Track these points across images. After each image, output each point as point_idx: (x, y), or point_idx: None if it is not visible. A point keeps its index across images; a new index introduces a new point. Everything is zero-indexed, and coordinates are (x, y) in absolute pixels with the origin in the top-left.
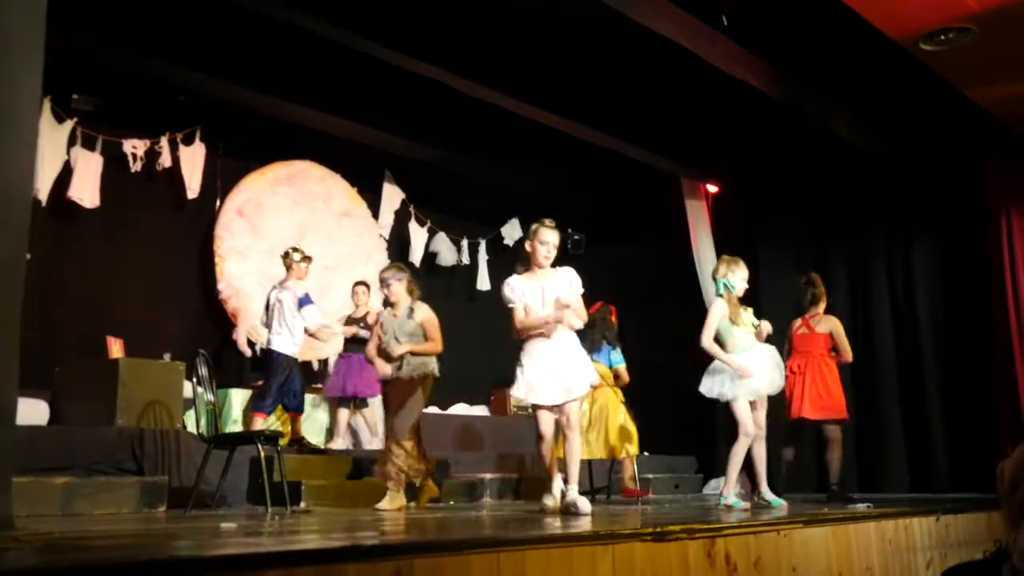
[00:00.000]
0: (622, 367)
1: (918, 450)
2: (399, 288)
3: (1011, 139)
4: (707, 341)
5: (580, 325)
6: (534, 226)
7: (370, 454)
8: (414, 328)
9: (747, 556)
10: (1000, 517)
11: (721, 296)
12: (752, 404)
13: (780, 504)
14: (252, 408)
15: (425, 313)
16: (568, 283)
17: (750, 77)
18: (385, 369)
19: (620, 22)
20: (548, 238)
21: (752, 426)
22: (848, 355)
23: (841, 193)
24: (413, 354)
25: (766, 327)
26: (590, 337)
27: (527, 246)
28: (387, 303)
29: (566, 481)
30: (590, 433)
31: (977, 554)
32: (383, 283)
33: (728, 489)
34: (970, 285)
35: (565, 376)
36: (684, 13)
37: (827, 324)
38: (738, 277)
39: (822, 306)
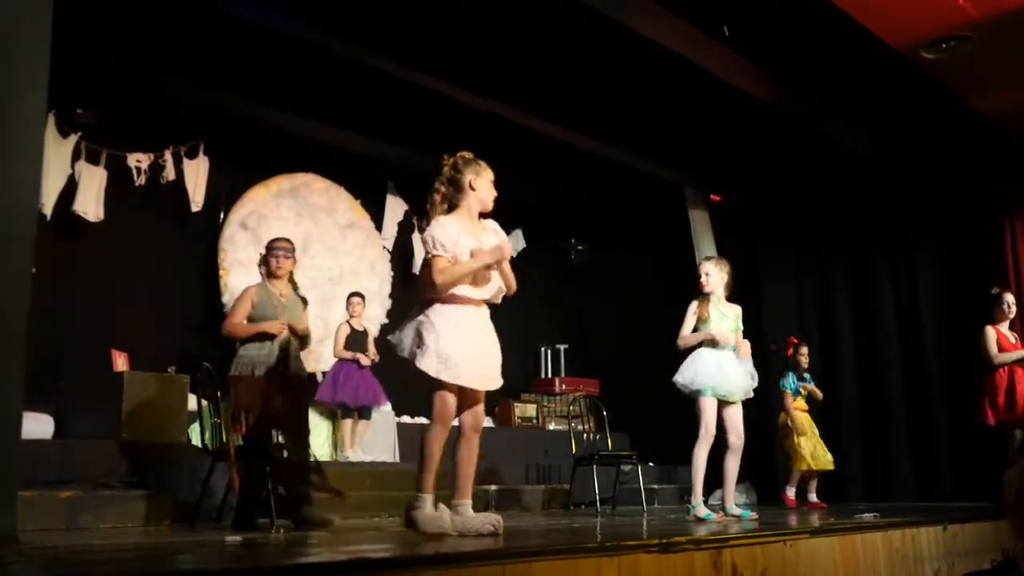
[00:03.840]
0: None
1: (924, 459)
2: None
3: (1013, 146)
4: (681, 340)
5: (502, 293)
6: (468, 155)
7: (375, 466)
8: (299, 315)
9: (754, 567)
10: (1007, 526)
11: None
12: (727, 410)
13: (749, 515)
14: None
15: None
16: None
17: (752, 87)
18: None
19: (622, 33)
20: (492, 178)
21: (713, 427)
22: (990, 361)
23: (843, 201)
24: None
25: (746, 348)
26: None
27: (470, 183)
28: (271, 275)
29: (460, 499)
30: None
31: (985, 563)
32: (287, 252)
33: (695, 498)
34: (974, 291)
35: (492, 357)
36: (686, 24)
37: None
38: (710, 277)
39: (997, 318)
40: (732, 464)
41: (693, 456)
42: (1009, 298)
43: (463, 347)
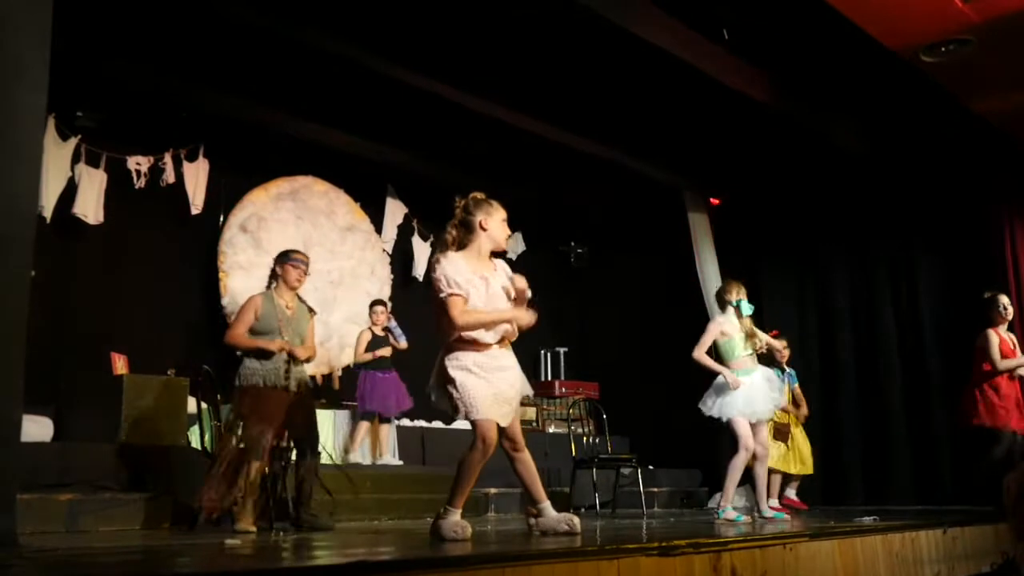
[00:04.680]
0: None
1: (924, 461)
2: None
3: (1013, 147)
4: (698, 353)
5: (515, 336)
6: (479, 196)
7: (376, 469)
8: (304, 329)
9: (753, 570)
10: (1007, 529)
11: (724, 314)
12: (753, 425)
13: (783, 517)
14: None
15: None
16: (508, 278)
17: (752, 90)
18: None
19: (622, 37)
20: (504, 217)
21: (752, 440)
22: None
23: (843, 203)
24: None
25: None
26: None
27: (481, 223)
28: (287, 286)
29: (538, 501)
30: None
31: (984, 566)
32: (308, 267)
33: (726, 502)
34: (974, 295)
35: (514, 394)
36: (686, 27)
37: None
38: (746, 300)
39: (995, 321)
40: (761, 471)
41: (730, 466)
42: (1004, 300)
43: (486, 392)
